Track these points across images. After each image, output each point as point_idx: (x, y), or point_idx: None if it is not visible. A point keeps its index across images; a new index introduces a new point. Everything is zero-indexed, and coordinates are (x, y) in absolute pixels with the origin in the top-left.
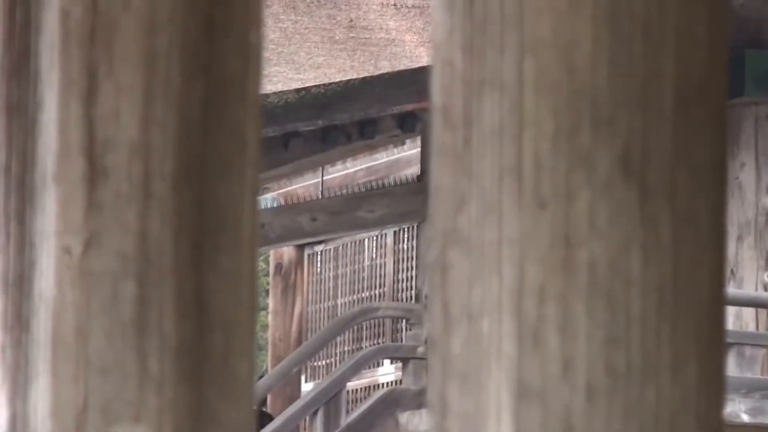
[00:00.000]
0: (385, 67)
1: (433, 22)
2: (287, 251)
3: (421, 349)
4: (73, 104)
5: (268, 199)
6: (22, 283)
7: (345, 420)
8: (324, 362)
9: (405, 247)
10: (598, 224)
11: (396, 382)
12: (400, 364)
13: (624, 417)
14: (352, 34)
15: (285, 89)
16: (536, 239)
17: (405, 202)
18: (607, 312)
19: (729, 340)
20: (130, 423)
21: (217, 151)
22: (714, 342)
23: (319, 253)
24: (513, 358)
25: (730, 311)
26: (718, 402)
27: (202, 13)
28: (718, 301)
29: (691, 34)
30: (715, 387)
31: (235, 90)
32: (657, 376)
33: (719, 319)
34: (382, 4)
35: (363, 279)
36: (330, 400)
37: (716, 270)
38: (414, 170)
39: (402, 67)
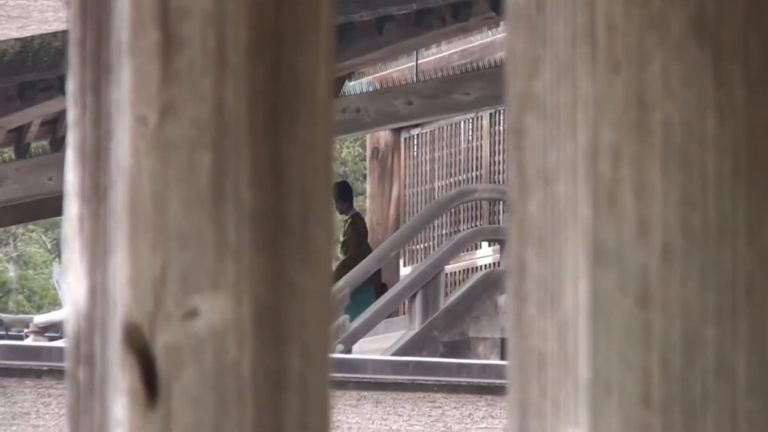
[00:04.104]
0: None
1: None
2: (383, 135)
3: None
4: None
5: (363, 84)
6: (98, 154)
7: (444, 303)
8: (422, 245)
9: (501, 129)
10: (672, 86)
11: (494, 264)
12: (498, 246)
13: (701, 278)
14: None
15: None
16: (610, 102)
17: (500, 83)
18: (682, 173)
19: None
20: (209, 291)
21: (292, 23)
22: None
23: (415, 136)
24: (589, 220)
25: None
26: None
27: None
28: None
29: None
30: None
31: None
32: (733, 236)
33: None
34: None
35: (459, 162)
36: (429, 283)
37: None
38: None
39: None
